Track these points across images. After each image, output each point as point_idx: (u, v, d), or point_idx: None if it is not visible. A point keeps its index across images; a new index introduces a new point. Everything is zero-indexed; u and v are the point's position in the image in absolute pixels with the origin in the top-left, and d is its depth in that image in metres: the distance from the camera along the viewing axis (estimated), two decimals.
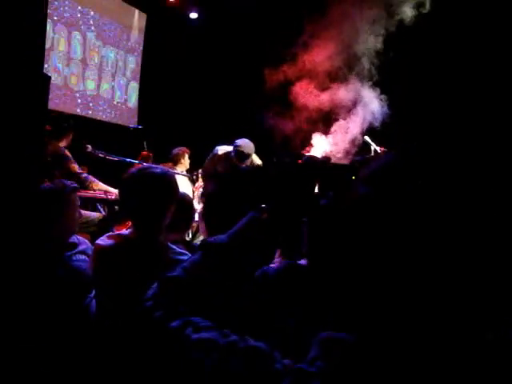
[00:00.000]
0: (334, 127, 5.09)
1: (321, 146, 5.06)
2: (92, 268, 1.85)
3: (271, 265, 1.68)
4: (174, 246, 1.88)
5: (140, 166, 2.11)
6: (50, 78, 4.14)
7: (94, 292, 1.98)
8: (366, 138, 5.15)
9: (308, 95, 5.07)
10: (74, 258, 2.08)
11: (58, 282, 1.98)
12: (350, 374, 0.65)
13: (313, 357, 0.70)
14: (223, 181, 1.54)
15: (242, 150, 4.67)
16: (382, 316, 0.67)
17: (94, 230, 3.99)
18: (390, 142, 5.16)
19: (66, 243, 2.16)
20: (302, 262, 1.69)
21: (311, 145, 5.13)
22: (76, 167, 4.32)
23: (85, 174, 4.34)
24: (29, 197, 2.26)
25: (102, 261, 1.80)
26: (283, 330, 1.35)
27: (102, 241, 1.83)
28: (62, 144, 4.38)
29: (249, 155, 4.72)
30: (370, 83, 4.99)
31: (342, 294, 0.72)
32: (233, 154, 4.74)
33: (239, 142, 4.73)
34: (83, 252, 2.13)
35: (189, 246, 2.14)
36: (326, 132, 5.16)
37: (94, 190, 4.36)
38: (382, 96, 4.98)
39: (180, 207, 1.98)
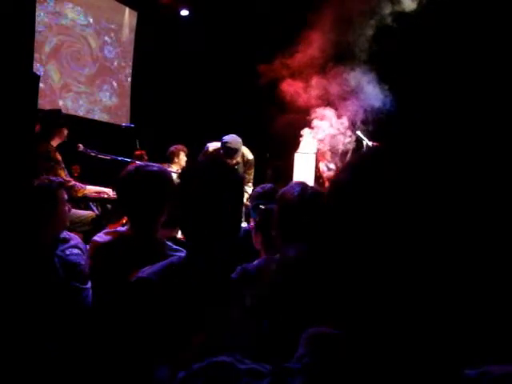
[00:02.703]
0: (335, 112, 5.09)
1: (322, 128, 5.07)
2: (90, 264, 1.86)
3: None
4: (170, 243, 1.89)
5: (136, 164, 2.12)
6: (39, 77, 4.11)
7: (89, 283, 1.98)
8: (359, 133, 5.16)
9: (302, 90, 5.08)
10: (67, 252, 2.08)
11: (53, 276, 1.98)
12: (337, 369, 0.63)
13: (300, 354, 0.69)
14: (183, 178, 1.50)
15: (230, 145, 4.73)
16: (369, 310, 0.65)
17: (87, 230, 3.96)
18: (383, 137, 5.18)
19: (58, 238, 2.17)
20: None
21: (312, 127, 5.15)
22: (64, 174, 4.17)
23: (72, 182, 4.23)
24: (19, 194, 2.26)
25: (99, 257, 1.81)
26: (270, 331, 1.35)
27: (100, 237, 1.84)
28: (55, 142, 4.25)
29: (237, 150, 4.78)
30: (368, 73, 4.99)
31: (328, 288, 0.71)
32: (221, 150, 4.79)
33: (226, 137, 4.80)
34: (76, 246, 2.14)
35: (178, 243, 2.14)
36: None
37: (78, 196, 4.25)
38: (381, 86, 4.98)
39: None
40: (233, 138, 4.81)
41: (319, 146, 5.18)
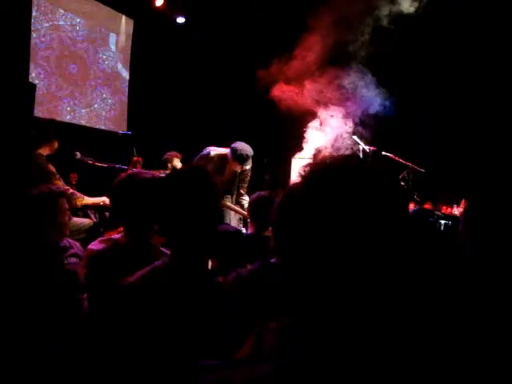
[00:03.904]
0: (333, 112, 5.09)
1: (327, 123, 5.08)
2: (84, 273, 1.86)
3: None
4: (165, 249, 1.89)
5: (129, 171, 2.13)
6: (35, 86, 4.12)
7: (86, 294, 2.00)
8: (355, 137, 5.17)
9: (298, 95, 5.09)
10: (65, 262, 2.09)
11: (51, 285, 1.99)
12: (302, 362, 0.68)
13: (270, 344, 0.74)
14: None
15: (246, 152, 4.59)
16: (330, 307, 0.70)
17: (84, 237, 3.95)
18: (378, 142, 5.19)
19: (58, 247, 2.17)
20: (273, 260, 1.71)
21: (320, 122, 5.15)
22: (60, 183, 4.17)
23: (71, 190, 4.23)
24: (18, 202, 2.26)
25: (94, 265, 1.81)
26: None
27: (94, 245, 1.84)
28: (45, 151, 4.24)
29: (251, 156, 4.68)
30: (366, 76, 5.00)
31: (297, 288, 0.76)
32: (233, 158, 4.64)
33: (237, 145, 4.65)
34: (75, 255, 2.15)
35: None
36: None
37: (77, 206, 4.23)
38: (379, 89, 4.99)
39: None
40: (244, 146, 4.65)
41: (320, 150, 5.18)
